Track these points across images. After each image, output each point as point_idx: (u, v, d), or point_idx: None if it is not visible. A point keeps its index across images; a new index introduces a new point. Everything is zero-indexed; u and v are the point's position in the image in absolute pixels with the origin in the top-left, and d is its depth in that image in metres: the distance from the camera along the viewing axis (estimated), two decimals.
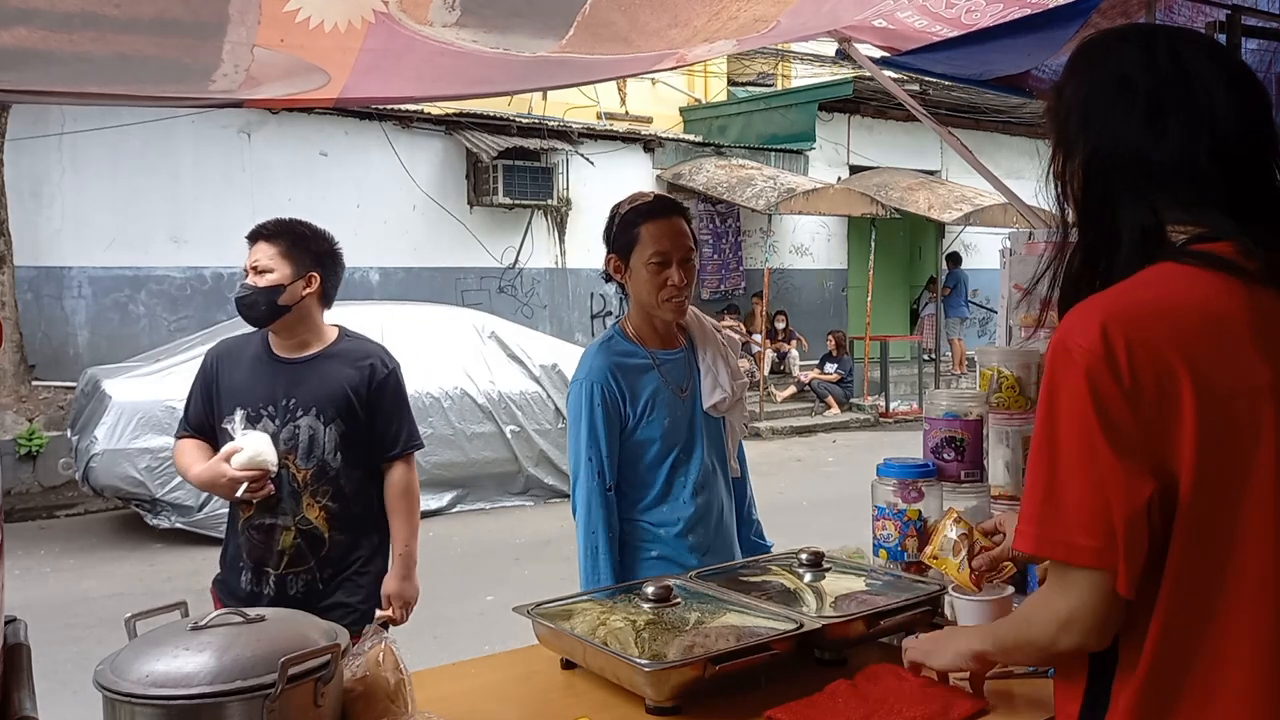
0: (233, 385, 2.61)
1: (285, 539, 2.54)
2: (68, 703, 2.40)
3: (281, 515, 2.54)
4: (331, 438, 2.55)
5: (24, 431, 8.26)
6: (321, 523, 2.55)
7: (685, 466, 2.35)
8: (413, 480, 2.69)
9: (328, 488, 2.54)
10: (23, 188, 8.92)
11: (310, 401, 2.55)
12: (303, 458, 2.53)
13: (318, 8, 2.03)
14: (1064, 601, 1.12)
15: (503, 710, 1.57)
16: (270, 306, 2.54)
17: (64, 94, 2.63)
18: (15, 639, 1.34)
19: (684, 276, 2.31)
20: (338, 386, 2.57)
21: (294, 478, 2.53)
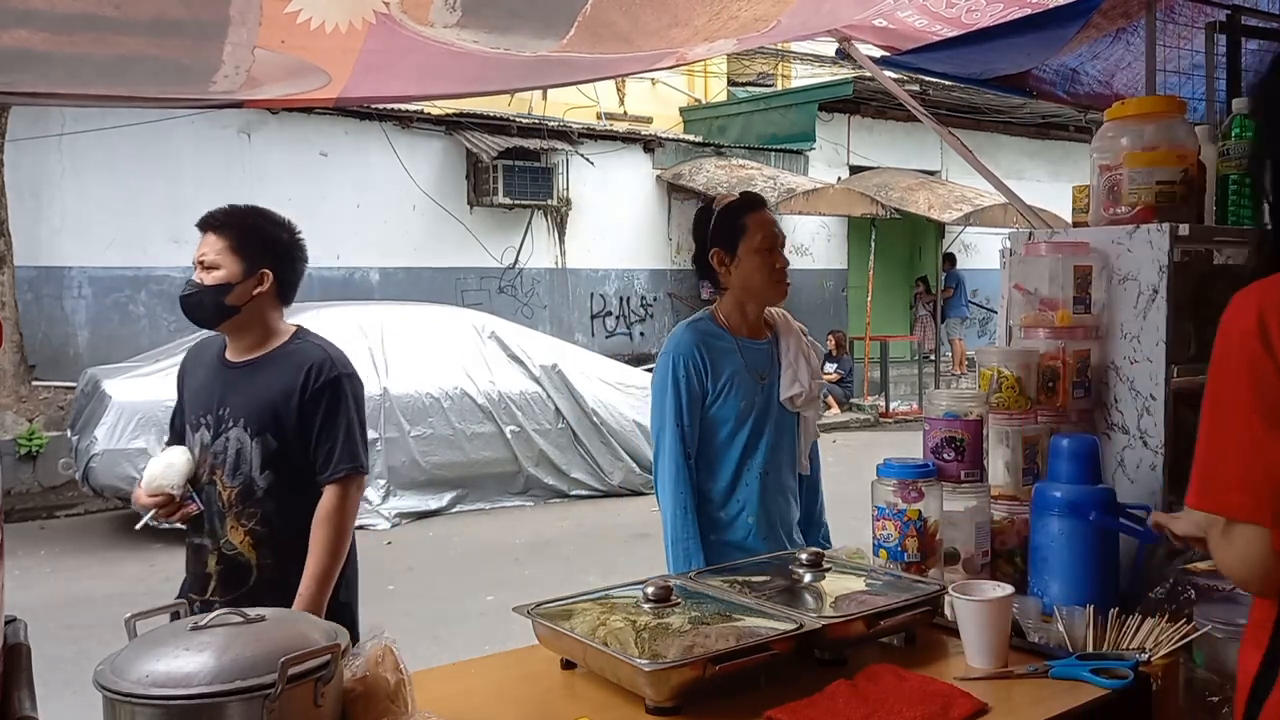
0: (192, 392, 2.43)
1: (210, 562, 2.32)
2: (68, 703, 2.40)
3: (208, 536, 2.31)
4: (258, 453, 2.27)
5: (24, 431, 8.26)
6: (247, 548, 2.29)
7: (754, 451, 2.48)
8: (340, 510, 2.29)
9: (254, 510, 2.28)
10: (23, 188, 8.92)
11: (240, 411, 2.29)
12: (229, 474, 2.29)
13: (319, 9, 2.03)
14: (1226, 553, 1.25)
15: (503, 710, 1.57)
16: (217, 307, 2.29)
17: (64, 95, 2.63)
18: (15, 639, 1.34)
19: (785, 261, 2.52)
20: (269, 396, 2.29)
21: (220, 496, 2.29)
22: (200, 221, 2.35)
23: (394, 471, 7.61)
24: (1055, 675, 1.62)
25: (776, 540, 2.48)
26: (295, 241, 2.44)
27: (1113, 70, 3.22)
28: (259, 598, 2.21)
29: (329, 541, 2.27)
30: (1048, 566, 1.91)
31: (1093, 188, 2.20)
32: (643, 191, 12.77)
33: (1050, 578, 1.90)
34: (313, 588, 2.24)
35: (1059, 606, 1.79)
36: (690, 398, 2.45)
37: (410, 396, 7.73)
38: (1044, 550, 1.92)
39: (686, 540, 2.42)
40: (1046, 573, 1.91)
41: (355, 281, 10.80)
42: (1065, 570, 1.89)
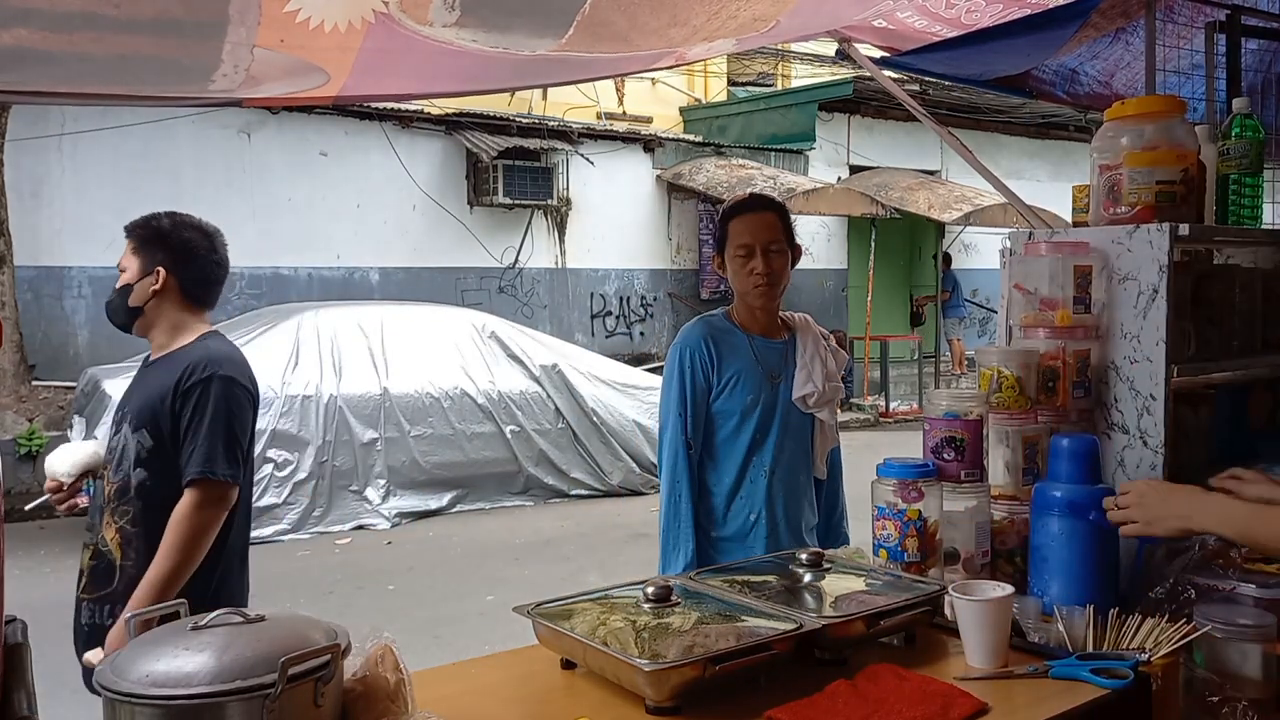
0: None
1: (85, 557, 2.29)
2: (68, 703, 2.40)
3: (89, 531, 2.29)
4: (135, 449, 2.25)
5: (24, 431, 8.25)
6: (115, 546, 2.23)
7: (761, 449, 2.48)
8: (189, 515, 2.17)
9: (127, 508, 2.24)
10: (23, 188, 8.92)
11: (131, 409, 2.31)
12: (114, 470, 2.28)
13: (318, 8, 2.03)
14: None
15: (503, 710, 1.57)
16: (124, 309, 2.33)
17: (64, 94, 2.63)
18: (15, 639, 1.34)
19: (768, 265, 2.48)
20: (151, 394, 2.28)
21: (102, 491, 2.29)
22: (124, 227, 2.45)
23: (394, 471, 7.62)
24: (1055, 675, 1.62)
25: (781, 542, 2.47)
26: (208, 243, 2.44)
27: (1112, 70, 3.22)
28: (118, 600, 2.18)
29: (172, 546, 2.15)
30: (1048, 566, 1.91)
31: (1093, 188, 2.20)
32: (643, 191, 12.77)
33: (1050, 578, 1.90)
34: (146, 591, 2.12)
35: (1059, 606, 1.79)
36: (694, 388, 2.47)
37: (410, 396, 7.73)
38: (1044, 550, 1.92)
39: (676, 530, 2.44)
40: (1046, 573, 1.91)
41: (355, 281, 10.80)
42: (1065, 570, 1.88)
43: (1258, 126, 2.23)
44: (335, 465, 7.37)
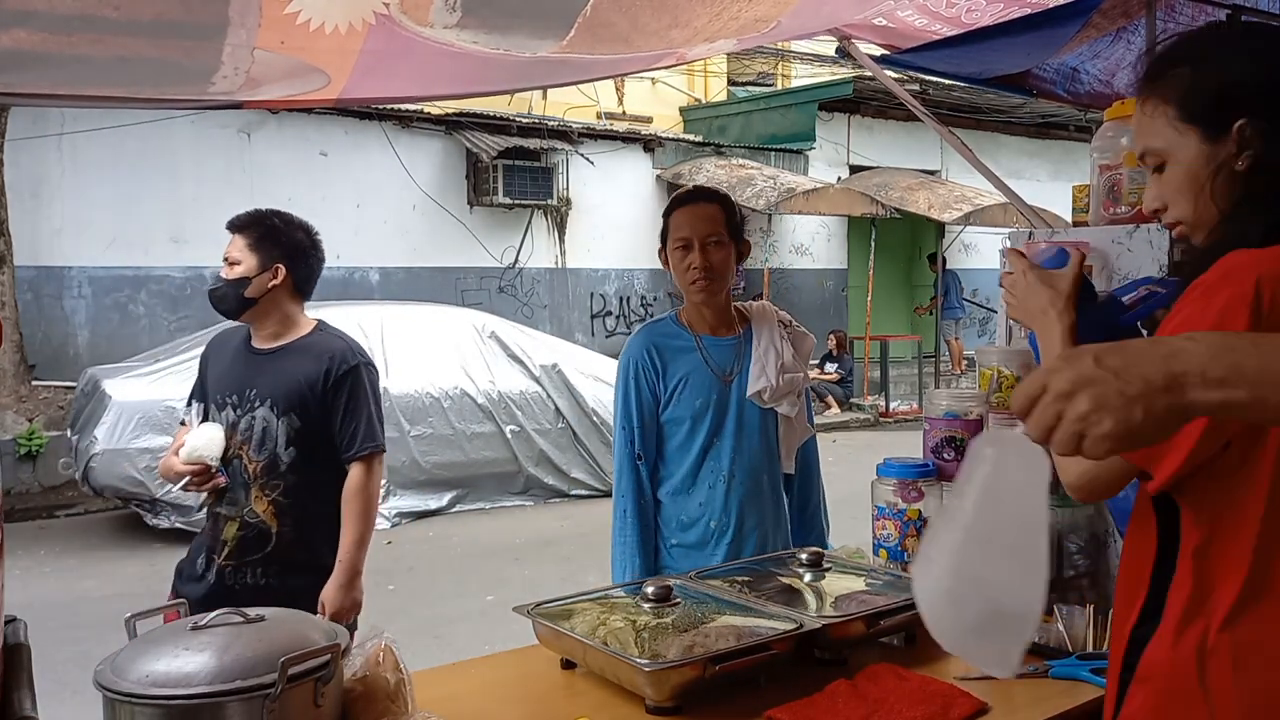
0: (215, 376, 2.63)
1: (229, 530, 2.51)
2: (68, 703, 2.40)
3: (230, 506, 2.52)
4: (284, 431, 2.50)
5: (24, 431, 8.26)
6: (269, 517, 2.50)
7: (716, 453, 2.39)
8: (367, 484, 2.56)
9: (278, 482, 2.50)
10: (23, 188, 8.92)
11: (267, 393, 2.51)
12: (255, 449, 2.50)
13: (318, 10, 2.03)
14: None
15: (503, 710, 1.57)
16: (238, 299, 2.54)
17: (63, 96, 2.63)
18: (15, 639, 1.34)
19: (706, 259, 2.36)
20: (295, 379, 2.52)
21: (245, 469, 2.50)
22: (228, 224, 2.60)
23: (394, 471, 7.62)
24: (1055, 675, 1.62)
25: (746, 547, 2.38)
26: (311, 241, 2.67)
27: (1113, 70, 3.23)
28: (272, 562, 2.50)
29: (361, 511, 2.53)
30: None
31: (1093, 187, 2.20)
32: (643, 191, 12.77)
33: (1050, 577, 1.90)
34: (353, 551, 2.51)
35: (1059, 606, 1.79)
36: (640, 402, 2.40)
37: (410, 396, 7.73)
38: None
39: (622, 545, 2.40)
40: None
41: (355, 281, 10.80)
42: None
43: None
44: None
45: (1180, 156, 1.25)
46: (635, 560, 2.37)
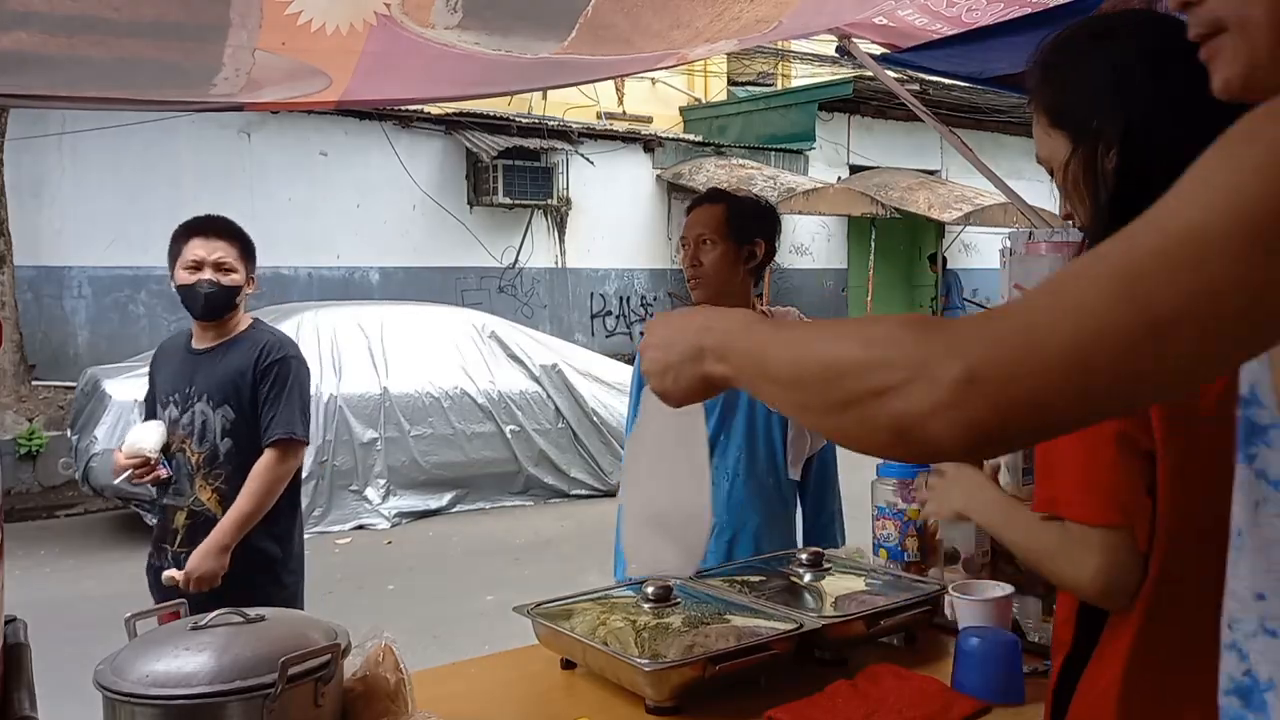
0: (159, 378, 2.81)
1: (178, 519, 2.67)
2: (68, 703, 2.39)
3: (178, 496, 2.68)
4: (219, 423, 2.65)
5: (24, 431, 8.26)
6: (214, 504, 2.64)
7: (723, 453, 2.39)
8: (274, 469, 2.63)
9: (219, 470, 2.65)
10: (23, 188, 8.92)
11: (204, 388, 2.67)
12: (197, 441, 2.66)
13: (319, 11, 2.03)
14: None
15: (503, 710, 1.57)
16: (227, 305, 2.68)
17: (64, 98, 2.64)
18: (15, 639, 1.34)
19: (695, 258, 2.39)
20: (228, 372, 2.67)
21: (189, 461, 2.66)
22: (210, 226, 2.67)
23: (394, 471, 7.62)
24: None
25: (746, 547, 2.38)
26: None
27: None
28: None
29: (254, 493, 2.61)
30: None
31: None
32: (643, 191, 12.77)
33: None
34: (229, 526, 2.59)
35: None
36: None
37: (410, 396, 7.73)
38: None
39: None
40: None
41: (355, 281, 10.80)
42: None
43: None
44: (335, 465, 7.37)
45: (1059, 162, 1.24)
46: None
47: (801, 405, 0.84)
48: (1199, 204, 0.68)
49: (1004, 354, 0.70)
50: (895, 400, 0.72)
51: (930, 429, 0.71)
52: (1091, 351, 0.68)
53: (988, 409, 0.70)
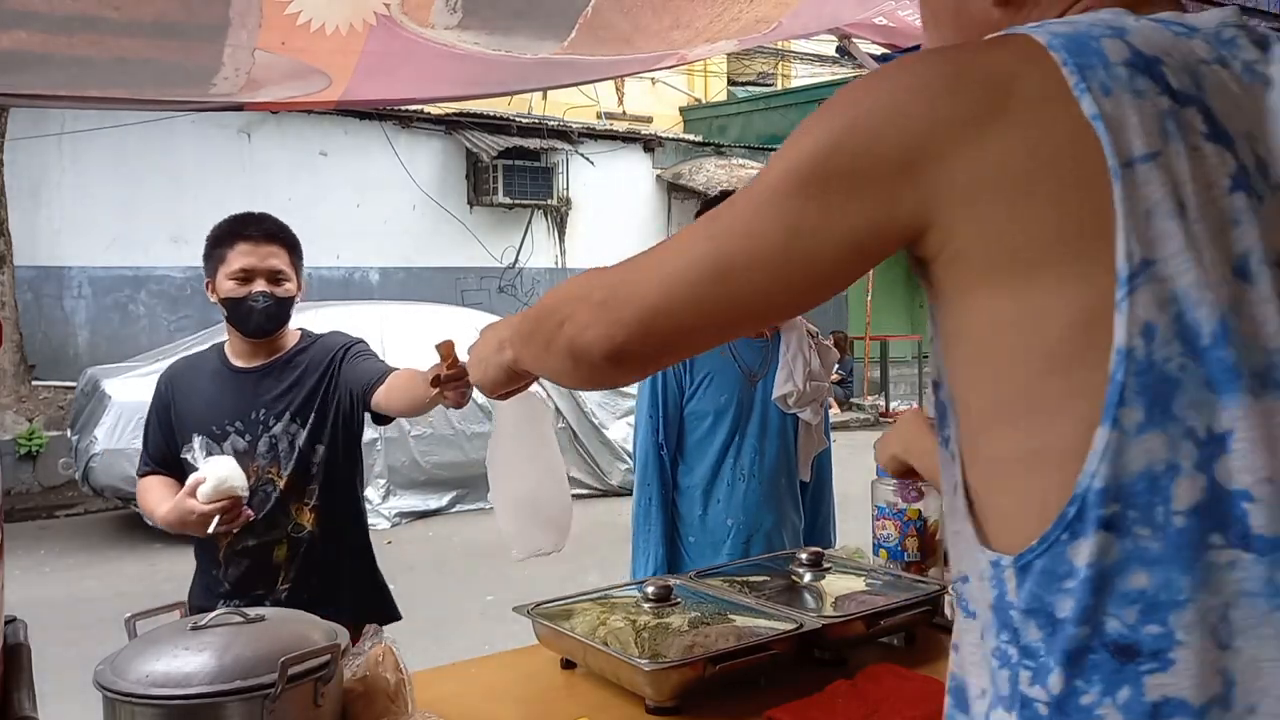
0: (192, 408, 2.35)
1: (279, 553, 2.32)
2: (68, 703, 2.39)
3: (271, 530, 2.31)
4: (307, 435, 2.34)
5: (24, 431, 8.26)
6: (314, 524, 2.35)
7: (737, 451, 2.42)
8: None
9: (313, 487, 2.34)
10: (23, 188, 8.92)
11: (281, 407, 2.32)
12: (284, 465, 2.32)
13: (319, 10, 2.03)
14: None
15: (503, 710, 1.57)
16: (284, 319, 2.36)
17: (64, 97, 2.63)
18: (15, 639, 1.34)
19: None
20: (309, 385, 2.36)
21: (278, 489, 2.31)
22: (259, 228, 2.33)
23: (394, 471, 7.62)
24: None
25: (758, 547, 2.40)
26: None
27: None
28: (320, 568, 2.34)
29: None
30: None
31: None
32: (643, 191, 12.78)
33: None
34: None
35: None
36: (665, 391, 2.43)
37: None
38: None
39: (646, 534, 2.41)
40: None
41: (355, 281, 10.80)
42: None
43: None
44: None
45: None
46: (660, 551, 2.38)
47: (536, 358, 1.03)
48: (771, 163, 0.81)
49: (627, 282, 0.89)
50: (568, 326, 0.91)
51: (584, 344, 0.89)
52: (677, 282, 0.84)
53: (618, 325, 0.87)
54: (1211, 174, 0.71)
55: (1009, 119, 0.71)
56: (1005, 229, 0.72)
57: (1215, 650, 0.68)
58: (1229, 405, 0.69)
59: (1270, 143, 0.75)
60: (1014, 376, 0.73)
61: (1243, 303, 0.70)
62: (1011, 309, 0.72)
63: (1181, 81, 0.73)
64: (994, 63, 0.75)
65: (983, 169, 0.72)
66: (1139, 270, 0.68)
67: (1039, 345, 0.71)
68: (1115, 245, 0.69)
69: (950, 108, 0.73)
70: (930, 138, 0.73)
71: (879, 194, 0.75)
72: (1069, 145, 0.70)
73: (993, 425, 0.76)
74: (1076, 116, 0.70)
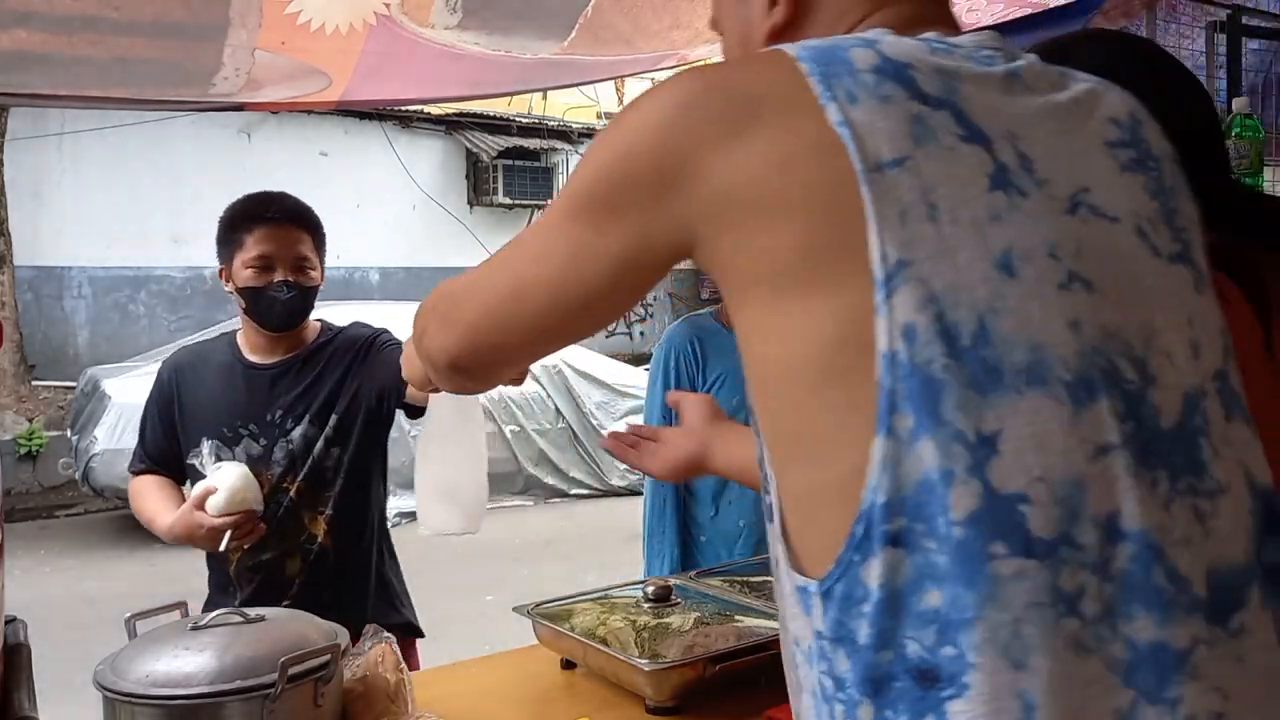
0: (200, 405, 2.14)
1: (291, 567, 2.13)
2: (68, 703, 2.39)
3: (283, 542, 2.11)
4: (325, 439, 2.15)
5: (24, 431, 8.26)
6: (326, 537, 2.15)
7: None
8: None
9: (327, 494, 2.14)
10: (23, 188, 8.92)
11: (301, 408, 2.13)
12: (301, 471, 2.13)
13: (319, 10, 2.03)
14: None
15: (503, 710, 1.57)
16: (307, 311, 2.16)
17: (64, 97, 2.63)
18: (15, 639, 1.34)
19: None
20: (331, 383, 2.16)
21: (290, 498, 2.11)
22: (279, 211, 2.10)
23: (394, 471, 7.52)
24: None
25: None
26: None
27: None
28: (336, 580, 2.15)
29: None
30: None
31: None
32: None
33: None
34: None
35: None
36: (679, 388, 2.41)
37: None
38: None
39: (661, 533, 2.40)
40: None
41: (355, 281, 10.80)
42: None
43: (1258, 126, 2.23)
44: None
45: None
46: (674, 551, 2.38)
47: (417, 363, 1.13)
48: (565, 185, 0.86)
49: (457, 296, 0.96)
50: (424, 338, 1.00)
51: (433, 355, 0.98)
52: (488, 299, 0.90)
53: (452, 339, 0.94)
54: (968, 173, 0.70)
55: (757, 132, 0.71)
56: (762, 243, 0.71)
57: (1010, 671, 0.64)
58: (995, 405, 0.66)
59: (1033, 142, 0.74)
60: (793, 393, 0.72)
61: (1005, 299, 0.68)
62: (779, 324, 0.71)
63: (932, 86, 0.72)
64: (743, 78, 0.75)
65: (734, 183, 0.71)
66: (895, 272, 0.67)
67: (812, 359, 0.70)
68: (869, 250, 0.67)
69: (701, 125, 0.73)
70: (682, 155, 0.73)
71: (642, 213, 0.77)
72: (817, 155, 0.69)
73: (785, 445, 0.74)
74: (823, 125, 0.69)
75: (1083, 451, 0.67)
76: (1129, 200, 0.76)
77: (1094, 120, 0.79)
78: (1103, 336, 0.70)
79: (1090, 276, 0.71)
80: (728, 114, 0.72)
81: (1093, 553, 0.66)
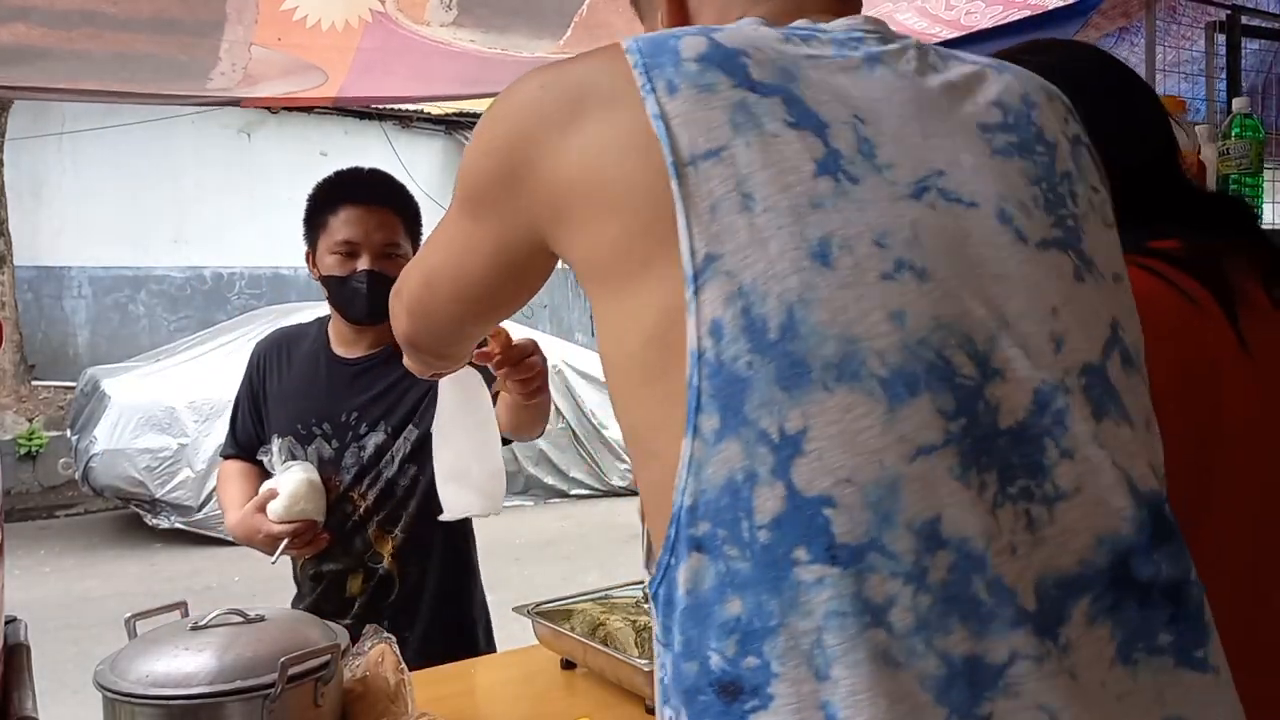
0: (280, 393, 1.99)
1: (353, 585, 1.94)
2: (68, 703, 2.40)
3: (345, 557, 1.94)
4: (401, 451, 1.94)
5: (24, 431, 8.26)
6: (391, 562, 1.94)
7: None
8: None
9: (399, 513, 1.94)
10: (23, 188, 8.92)
11: (378, 413, 1.93)
12: (369, 483, 1.93)
13: (315, 6, 2.04)
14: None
15: (503, 710, 1.57)
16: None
17: (62, 90, 2.64)
18: (15, 639, 1.33)
19: None
20: (419, 392, 1.92)
21: (356, 510, 1.93)
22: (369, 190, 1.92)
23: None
24: None
25: None
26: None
27: None
28: (401, 612, 1.93)
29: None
30: None
31: None
32: None
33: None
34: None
35: None
36: None
37: None
38: None
39: None
40: None
41: None
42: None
43: (1258, 126, 2.23)
44: None
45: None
46: None
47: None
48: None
49: (399, 285, 1.02)
50: (393, 320, 1.06)
51: (398, 335, 1.06)
52: (414, 285, 0.97)
53: (402, 318, 1.02)
54: (792, 160, 0.67)
55: (582, 127, 0.70)
56: (591, 239, 0.70)
57: (813, 682, 0.61)
58: (801, 402, 0.62)
59: (881, 126, 0.71)
60: (626, 388, 0.70)
61: (817, 289, 0.64)
62: (612, 320, 0.70)
63: (765, 73, 0.70)
64: (577, 71, 0.74)
65: (564, 179, 0.71)
66: (703, 267, 0.64)
67: (636, 355, 0.68)
68: (680, 247, 0.65)
69: (535, 122, 0.73)
70: (521, 153, 0.74)
71: (500, 209, 0.78)
72: (634, 148, 0.68)
73: (629, 440, 0.72)
74: (641, 118, 0.68)
75: (900, 451, 0.62)
76: (996, 184, 0.71)
77: (970, 103, 0.75)
78: (933, 328, 0.65)
79: (925, 265, 0.66)
80: (560, 109, 0.72)
81: (906, 561, 0.61)
